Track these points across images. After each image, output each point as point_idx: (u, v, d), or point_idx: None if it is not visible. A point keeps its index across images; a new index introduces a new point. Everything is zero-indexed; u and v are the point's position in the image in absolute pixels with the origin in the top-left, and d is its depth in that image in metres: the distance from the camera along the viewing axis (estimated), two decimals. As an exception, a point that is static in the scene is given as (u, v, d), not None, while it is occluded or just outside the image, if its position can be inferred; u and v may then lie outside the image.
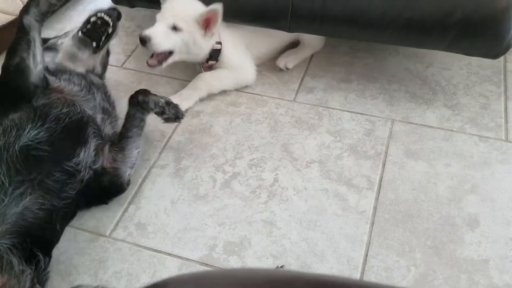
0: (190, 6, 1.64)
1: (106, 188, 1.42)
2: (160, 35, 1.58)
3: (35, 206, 1.21)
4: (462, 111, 1.69)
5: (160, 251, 1.34)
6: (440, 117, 1.67)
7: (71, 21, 2.23)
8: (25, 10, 1.37)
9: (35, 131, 1.26)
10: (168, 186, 1.50)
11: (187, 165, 1.56)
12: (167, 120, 1.51)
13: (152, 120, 1.55)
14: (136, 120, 1.50)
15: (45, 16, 1.41)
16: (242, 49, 1.81)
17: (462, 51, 1.62)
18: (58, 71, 1.49)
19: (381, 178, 1.48)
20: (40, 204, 1.22)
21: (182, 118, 1.52)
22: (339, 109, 1.71)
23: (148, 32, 1.58)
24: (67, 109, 1.35)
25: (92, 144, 1.38)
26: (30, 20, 1.36)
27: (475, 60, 1.85)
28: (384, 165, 1.52)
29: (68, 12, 2.30)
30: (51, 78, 1.43)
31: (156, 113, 1.49)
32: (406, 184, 1.46)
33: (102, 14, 1.59)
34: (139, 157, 1.51)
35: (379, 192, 1.45)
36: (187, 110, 1.72)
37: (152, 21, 2.10)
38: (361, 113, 1.69)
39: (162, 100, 1.49)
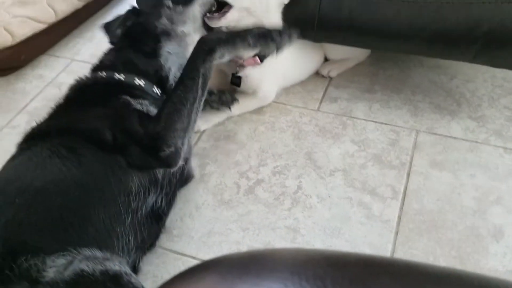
0: None
1: None
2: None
3: None
4: (487, 123, 1.68)
5: (185, 255, 1.36)
6: (464, 128, 1.67)
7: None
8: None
9: (159, 198, 1.26)
10: (192, 191, 1.52)
11: (212, 171, 1.58)
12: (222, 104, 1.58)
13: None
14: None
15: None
16: (278, 72, 1.75)
17: (487, 62, 1.63)
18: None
19: (406, 188, 1.48)
20: None
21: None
22: (363, 119, 1.72)
23: None
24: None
25: None
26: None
27: (499, 72, 1.85)
28: (408, 175, 1.52)
29: (98, 21, 2.36)
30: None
31: (212, 106, 1.57)
32: (431, 194, 1.46)
33: None
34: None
35: (403, 201, 1.45)
36: (204, 131, 1.71)
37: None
38: (386, 123, 1.70)
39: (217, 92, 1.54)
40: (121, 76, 1.37)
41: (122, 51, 1.49)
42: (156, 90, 1.41)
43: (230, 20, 1.50)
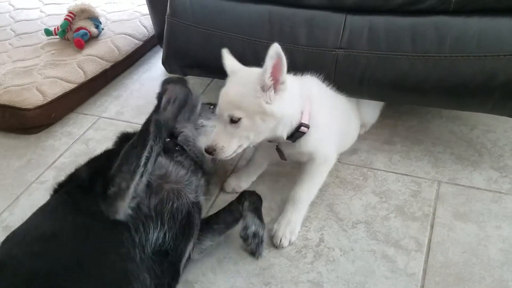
0: (237, 87, 1.43)
1: None
2: (222, 139, 1.41)
3: None
4: (510, 173, 1.67)
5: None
6: (487, 179, 1.66)
7: (126, 89, 2.39)
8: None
9: (161, 235, 1.28)
10: (215, 244, 1.53)
11: None
12: (246, 247, 1.49)
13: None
14: (230, 218, 1.51)
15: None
16: (333, 134, 1.64)
17: (506, 113, 1.63)
18: (173, 150, 1.52)
19: (430, 240, 1.46)
20: None
21: (257, 257, 1.47)
22: (384, 170, 1.73)
23: (209, 142, 1.43)
24: (176, 203, 1.34)
25: (195, 234, 1.41)
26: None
27: (520, 122, 1.85)
28: (432, 227, 1.50)
29: (124, 81, 2.47)
30: (162, 161, 1.40)
31: (240, 235, 1.47)
32: (456, 247, 1.43)
33: None
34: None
35: (428, 254, 1.42)
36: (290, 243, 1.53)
37: (201, 87, 2.24)
38: (407, 174, 1.70)
39: (253, 227, 1.45)
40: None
41: None
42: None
43: (242, 150, 1.49)
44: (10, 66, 2.34)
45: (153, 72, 2.51)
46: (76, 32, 2.45)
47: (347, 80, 1.68)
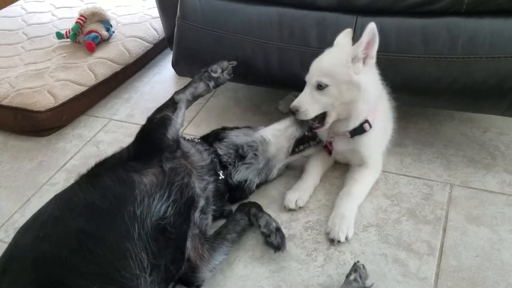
0: (329, 56, 1.52)
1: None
2: (306, 102, 1.51)
3: None
4: (524, 176, 1.64)
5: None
6: (500, 182, 1.63)
7: (137, 91, 2.40)
8: (181, 90, 1.61)
9: (164, 207, 1.29)
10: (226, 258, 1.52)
11: None
12: (268, 243, 1.49)
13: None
14: (239, 227, 1.52)
15: (197, 98, 1.65)
16: (385, 140, 1.69)
17: (520, 115, 1.61)
18: (195, 142, 1.62)
19: (442, 243, 1.44)
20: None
21: (283, 251, 1.45)
22: (395, 173, 1.71)
23: (295, 102, 1.53)
24: (187, 180, 1.40)
25: (192, 230, 1.38)
26: (182, 97, 1.58)
27: (534, 124, 1.83)
28: (444, 230, 1.48)
29: (134, 83, 2.48)
30: (184, 143, 1.53)
31: (262, 232, 1.50)
32: (469, 251, 1.41)
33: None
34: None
35: (440, 258, 1.40)
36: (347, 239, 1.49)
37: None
38: (418, 177, 1.68)
39: (273, 223, 1.49)
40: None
41: None
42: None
43: (332, 120, 1.54)
44: (22, 69, 2.36)
45: (163, 75, 2.52)
46: (87, 35, 2.47)
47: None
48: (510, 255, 1.39)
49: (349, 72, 1.45)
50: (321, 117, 1.55)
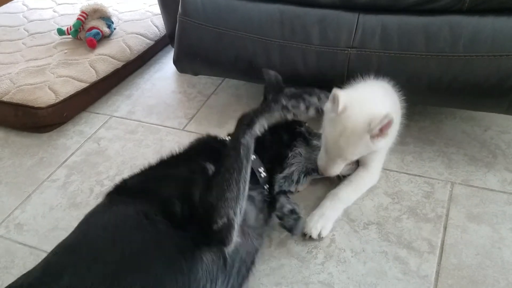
0: (347, 138, 1.40)
1: None
2: (332, 170, 1.51)
3: None
4: (525, 175, 1.64)
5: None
6: (501, 180, 1.63)
7: (138, 88, 2.40)
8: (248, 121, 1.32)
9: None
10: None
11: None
12: (282, 225, 1.47)
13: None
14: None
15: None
16: (387, 150, 1.67)
17: (522, 114, 1.61)
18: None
19: (443, 241, 1.44)
20: None
21: (293, 234, 1.46)
22: (396, 171, 1.71)
23: (323, 169, 1.52)
24: (245, 256, 1.28)
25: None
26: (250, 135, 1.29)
27: (536, 123, 1.82)
28: (445, 228, 1.48)
29: (135, 80, 2.48)
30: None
31: (276, 215, 1.47)
32: (470, 249, 1.41)
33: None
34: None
35: (441, 256, 1.40)
36: (322, 238, 1.50)
37: (212, 87, 2.23)
38: (419, 175, 1.68)
39: (288, 206, 1.47)
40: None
41: None
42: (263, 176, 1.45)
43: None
44: (23, 65, 2.36)
45: (164, 72, 2.52)
46: (89, 31, 2.46)
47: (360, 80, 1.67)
48: (511, 254, 1.38)
49: (370, 148, 1.42)
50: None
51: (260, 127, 1.30)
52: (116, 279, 1.02)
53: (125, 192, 1.29)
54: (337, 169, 1.50)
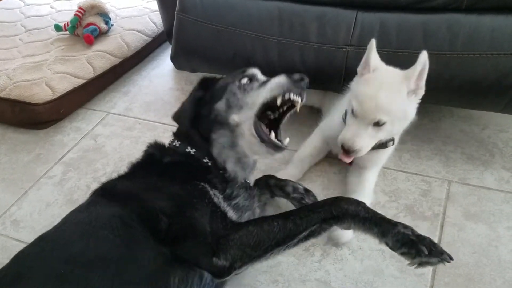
0: (385, 91, 1.36)
1: None
2: (362, 139, 1.39)
3: None
4: (522, 174, 1.64)
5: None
6: (499, 179, 1.63)
7: (135, 85, 2.39)
8: None
9: None
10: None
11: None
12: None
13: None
14: (262, 203, 1.48)
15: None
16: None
17: (519, 112, 1.61)
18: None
19: (440, 240, 1.44)
20: None
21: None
22: (394, 169, 1.71)
23: (347, 138, 1.40)
24: None
25: None
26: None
27: (533, 122, 1.83)
28: (442, 226, 1.48)
29: (132, 77, 2.47)
30: None
31: (293, 198, 1.48)
32: (466, 247, 1.41)
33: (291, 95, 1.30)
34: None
35: (437, 254, 1.40)
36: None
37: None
38: (417, 174, 1.68)
39: (300, 186, 1.50)
40: (192, 151, 1.34)
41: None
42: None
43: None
44: (20, 61, 2.35)
45: (162, 69, 2.51)
46: (86, 27, 2.45)
47: (357, 77, 1.67)
48: (507, 252, 1.39)
49: (406, 109, 1.38)
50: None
51: (346, 226, 1.16)
52: (77, 265, 1.04)
53: (108, 194, 1.26)
54: (365, 140, 1.39)
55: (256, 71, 1.42)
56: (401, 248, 1.09)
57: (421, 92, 1.39)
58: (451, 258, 1.10)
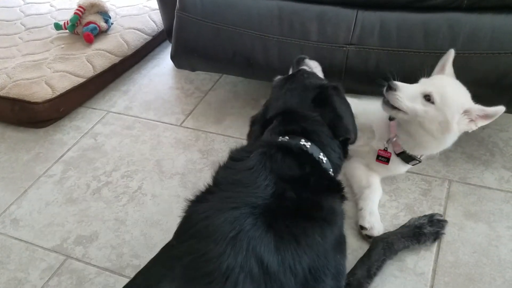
0: (454, 89, 1.43)
1: None
2: (408, 92, 1.41)
3: None
4: (522, 173, 1.64)
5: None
6: (499, 178, 1.63)
7: (135, 83, 2.39)
8: None
9: None
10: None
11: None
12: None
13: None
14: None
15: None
16: None
17: (520, 112, 1.61)
18: None
19: (440, 240, 1.44)
20: None
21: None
22: (394, 169, 1.71)
23: (399, 84, 1.42)
24: None
25: None
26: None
27: (533, 121, 1.82)
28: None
29: (132, 75, 2.46)
30: None
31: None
32: (466, 247, 1.41)
33: None
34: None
35: (438, 254, 1.40)
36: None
37: (210, 83, 2.23)
38: (417, 173, 1.68)
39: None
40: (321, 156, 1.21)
41: None
42: None
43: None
44: (20, 59, 2.34)
45: (162, 67, 2.51)
46: (86, 26, 2.45)
47: (357, 76, 1.66)
48: (508, 252, 1.39)
49: (454, 116, 1.38)
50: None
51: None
52: None
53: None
54: (408, 93, 1.41)
55: None
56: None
57: (471, 127, 1.42)
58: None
